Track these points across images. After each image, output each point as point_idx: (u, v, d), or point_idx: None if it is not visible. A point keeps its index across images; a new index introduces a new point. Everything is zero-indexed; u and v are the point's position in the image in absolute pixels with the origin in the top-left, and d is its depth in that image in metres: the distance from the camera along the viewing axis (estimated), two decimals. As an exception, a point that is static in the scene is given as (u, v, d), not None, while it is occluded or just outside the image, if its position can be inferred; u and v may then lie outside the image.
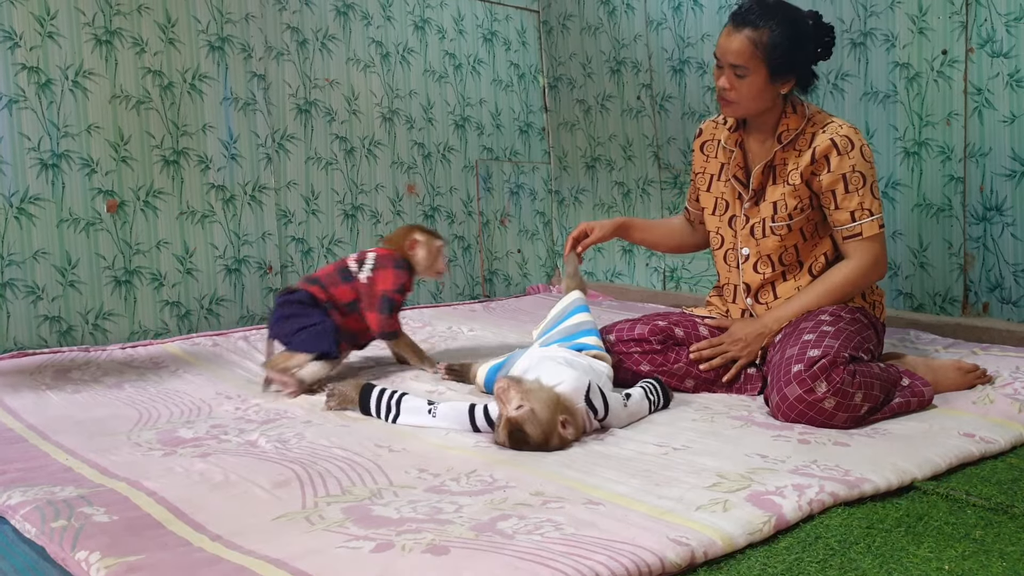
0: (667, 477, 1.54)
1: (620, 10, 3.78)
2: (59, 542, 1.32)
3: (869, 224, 2.06)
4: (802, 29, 2.05)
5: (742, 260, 2.21)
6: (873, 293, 2.17)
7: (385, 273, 2.36)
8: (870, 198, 2.06)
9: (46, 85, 2.82)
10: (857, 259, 2.08)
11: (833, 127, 2.07)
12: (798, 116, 2.11)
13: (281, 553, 1.26)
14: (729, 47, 2.03)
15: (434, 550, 1.25)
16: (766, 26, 2.00)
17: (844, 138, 2.05)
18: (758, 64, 2.02)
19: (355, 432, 1.87)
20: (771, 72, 2.03)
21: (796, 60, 2.05)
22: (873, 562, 1.25)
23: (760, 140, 2.17)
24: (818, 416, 1.84)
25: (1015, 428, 1.82)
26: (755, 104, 2.07)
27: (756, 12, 2.02)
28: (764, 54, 2.01)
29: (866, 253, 2.08)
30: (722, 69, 2.06)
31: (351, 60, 3.55)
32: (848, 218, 2.07)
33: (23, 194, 2.78)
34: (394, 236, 2.49)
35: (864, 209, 2.05)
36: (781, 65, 2.03)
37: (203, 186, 3.15)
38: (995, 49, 2.65)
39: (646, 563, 1.20)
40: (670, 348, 2.16)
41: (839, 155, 2.04)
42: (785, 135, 2.11)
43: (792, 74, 2.07)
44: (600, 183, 3.99)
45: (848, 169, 2.04)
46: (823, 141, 2.05)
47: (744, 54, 2.01)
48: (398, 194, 3.70)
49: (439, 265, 2.46)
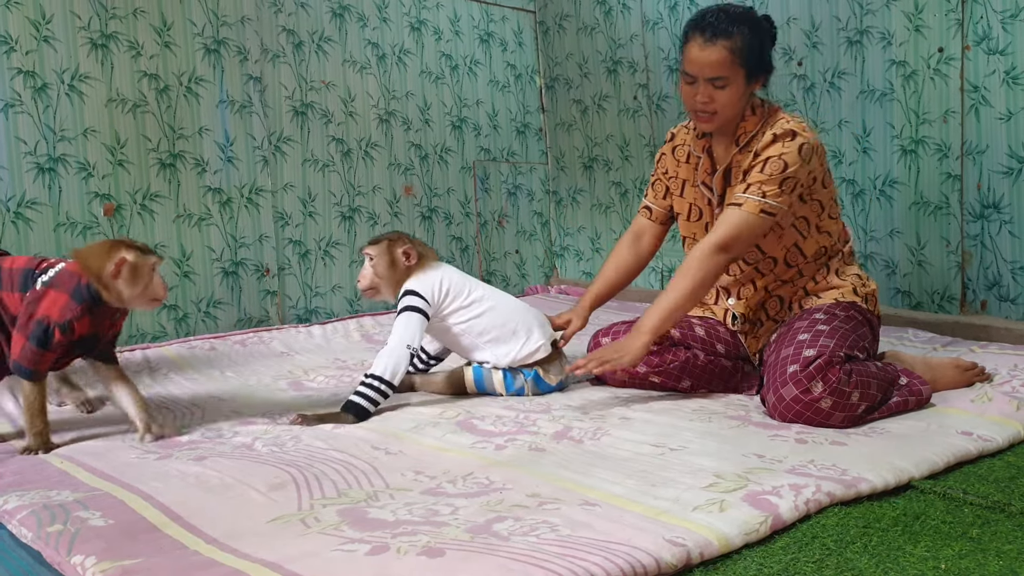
0: (663, 478, 1.54)
1: (616, 10, 3.77)
2: (55, 546, 1.32)
3: (753, 201, 1.97)
4: (762, 26, 2.03)
5: None
6: (866, 287, 2.15)
7: (56, 296, 1.80)
8: (775, 187, 1.96)
9: (42, 89, 2.82)
10: (715, 233, 1.99)
11: (780, 123, 2.02)
12: (756, 117, 2.07)
13: (276, 556, 1.25)
14: (707, 60, 1.97)
15: (429, 552, 1.24)
16: (738, 32, 1.97)
17: (786, 130, 2.00)
18: (737, 71, 1.98)
19: (352, 435, 1.87)
20: (748, 76, 2.01)
21: (765, 59, 2.04)
22: (869, 562, 1.24)
23: (724, 145, 2.13)
24: (815, 416, 1.83)
25: (1013, 426, 1.82)
26: (734, 111, 2.04)
27: (725, 20, 1.98)
28: (742, 60, 1.98)
29: (726, 226, 1.99)
30: (694, 84, 2.01)
31: (347, 62, 3.55)
32: (743, 188, 2.00)
33: (20, 198, 2.78)
34: (86, 254, 1.84)
35: (760, 189, 1.97)
36: (756, 66, 2.01)
37: (200, 189, 3.15)
38: (991, 46, 2.65)
39: (642, 564, 1.20)
40: (666, 349, 2.16)
41: (774, 141, 2.00)
42: (743, 137, 2.07)
43: (763, 73, 2.05)
44: (597, 183, 3.99)
45: (775, 155, 1.98)
46: (767, 138, 2.01)
47: (724, 65, 1.97)
48: (395, 196, 3.70)
49: (155, 289, 1.85)
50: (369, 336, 3.09)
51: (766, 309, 2.16)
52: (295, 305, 3.40)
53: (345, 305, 3.54)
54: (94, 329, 1.84)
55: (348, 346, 2.95)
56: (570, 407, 2.05)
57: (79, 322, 1.80)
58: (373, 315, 3.40)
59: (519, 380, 2.18)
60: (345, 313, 3.52)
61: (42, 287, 1.82)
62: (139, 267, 1.81)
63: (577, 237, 4.11)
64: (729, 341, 2.20)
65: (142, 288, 1.82)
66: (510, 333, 2.18)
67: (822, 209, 2.09)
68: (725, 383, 2.17)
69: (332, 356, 2.77)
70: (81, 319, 1.80)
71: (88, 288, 1.80)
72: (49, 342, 1.78)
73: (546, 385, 2.19)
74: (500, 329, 2.18)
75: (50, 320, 1.78)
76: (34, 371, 1.81)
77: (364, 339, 3.06)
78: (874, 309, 2.14)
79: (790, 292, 2.14)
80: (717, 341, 2.19)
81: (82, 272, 1.80)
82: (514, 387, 2.18)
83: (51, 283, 1.81)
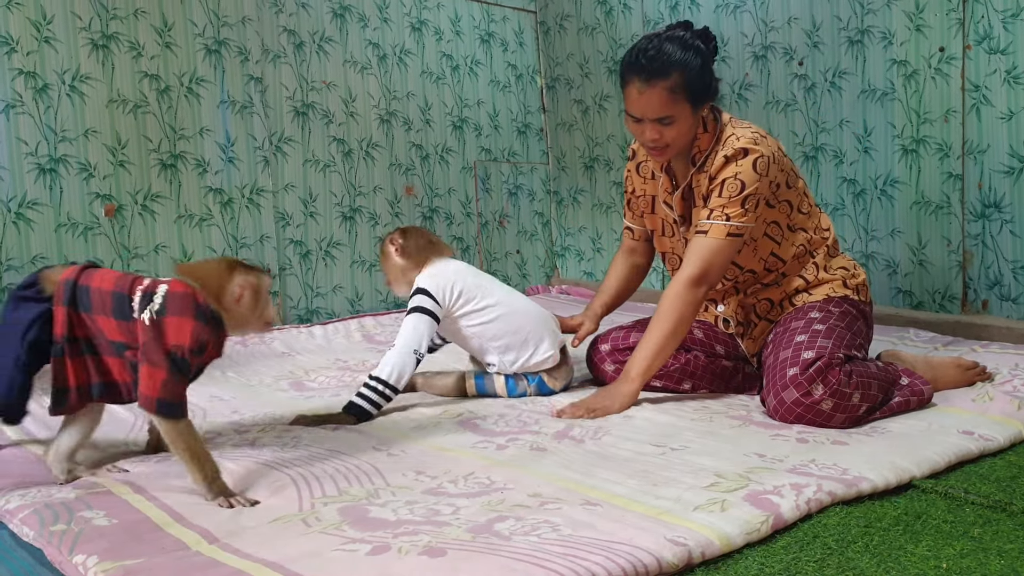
0: (665, 477, 1.54)
1: (617, 10, 3.77)
2: (57, 546, 1.32)
3: (718, 226, 1.96)
4: (700, 51, 1.96)
5: None
6: (855, 278, 2.12)
7: (180, 323, 1.58)
8: (737, 208, 1.95)
9: (43, 90, 2.82)
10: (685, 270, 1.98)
11: (731, 141, 1.99)
12: (709, 134, 2.03)
13: (278, 556, 1.26)
14: (648, 104, 1.93)
15: (430, 552, 1.24)
16: (676, 69, 1.91)
17: (738, 150, 1.97)
18: (682, 106, 1.94)
19: (354, 435, 1.87)
20: (693, 105, 1.96)
21: (708, 80, 1.98)
22: (871, 561, 1.24)
23: (682, 162, 2.09)
24: (816, 418, 1.83)
25: (1014, 425, 1.82)
26: (686, 139, 2.00)
27: (660, 60, 1.91)
28: (685, 95, 1.93)
29: (697, 256, 1.97)
30: (641, 123, 1.97)
31: (348, 62, 3.55)
32: (705, 215, 1.99)
33: (21, 199, 2.78)
34: (202, 274, 1.64)
35: (723, 212, 1.96)
36: (700, 93, 1.96)
37: (201, 189, 3.15)
38: (992, 46, 2.65)
39: (643, 564, 1.20)
40: None
41: (726, 164, 1.98)
42: (698, 156, 2.04)
43: (709, 95, 2.00)
44: (598, 183, 3.99)
45: (730, 176, 1.96)
46: (719, 161, 1.98)
47: (666, 104, 1.92)
48: (396, 196, 3.70)
49: (270, 313, 1.70)
50: (370, 336, 3.09)
51: (756, 310, 2.15)
52: (296, 305, 3.40)
53: (346, 305, 3.54)
54: (217, 351, 1.67)
55: (349, 346, 2.95)
56: (571, 407, 2.05)
57: (209, 342, 1.62)
58: (374, 315, 3.40)
59: (522, 385, 2.18)
60: (346, 313, 3.52)
61: (157, 317, 1.58)
62: (260, 290, 1.66)
63: (578, 237, 4.11)
64: (728, 342, 2.20)
65: (259, 313, 1.67)
66: (520, 342, 2.15)
67: (791, 208, 2.07)
68: (726, 384, 2.17)
69: (333, 356, 2.77)
70: (210, 339, 1.62)
71: (209, 308, 1.61)
72: (186, 371, 1.59)
73: (549, 389, 2.19)
74: (511, 337, 2.15)
75: (183, 348, 1.57)
76: (182, 403, 1.57)
77: (365, 339, 3.06)
78: (866, 299, 2.12)
79: (778, 293, 2.12)
80: (716, 342, 2.19)
81: (195, 292, 1.61)
82: (516, 391, 2.18)
83: (165, 311, 1.58)
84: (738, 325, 2.17)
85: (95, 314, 1.61)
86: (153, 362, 1.56)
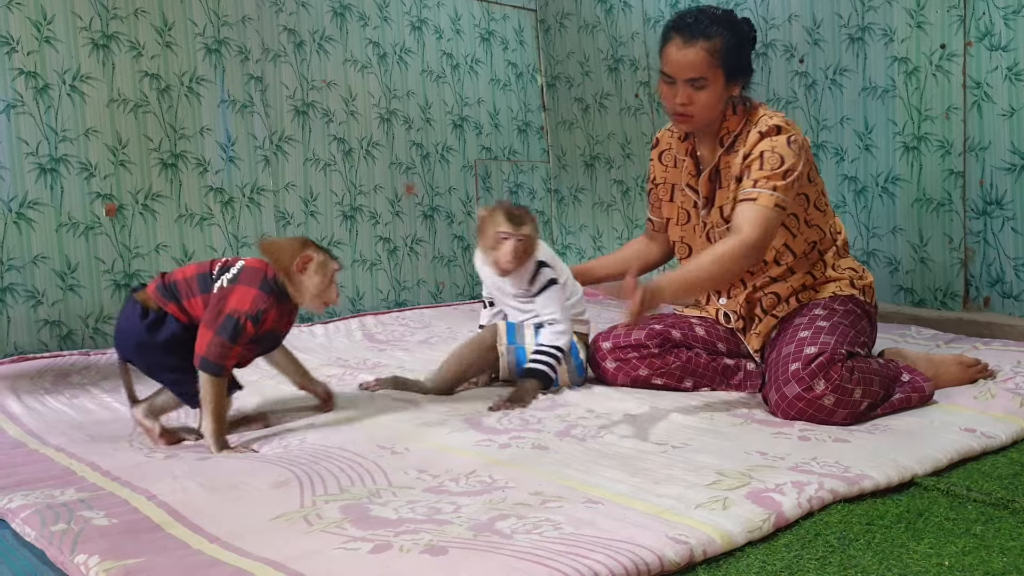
0: (666, 475, 1.54)
1: (617, 8, 3.77)
2: (59, 545, 1.32)
3: (767, 195, 1.94)
4: (742, 29, 2.03)
5: None
6: (862, 279, 2.14)
7: (245, 291, 1.80)
8: (780, 180, 1.94)
9: (44, 90, 2.82)
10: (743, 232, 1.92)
11: (763, 120, 2.03)
12: (738, 117, 2.07)
13: (279, 555, 1.25)
14: (685, 61, 1.98)
15: (432, 551, 1.24)
16: (718, 34, 1.98)
17: (771, 126, 2.00)
18: (716, 73, 1.99)
19: (358, 434, 1.87)
20: (727, 77, 2.01)
21: (744, 60, 2.04)
22: (873, 559, 1.24)
23: (709, 146, 2.13)
24: (818, 413, 1.83)
25: (1016, 423, 1.81)
26: (712, 113, 2.04)
27: (704, 22, 1.98)
28: (720, 61, 1.98)
29: (751, 226, 1.92)
30: (672, 85, 2.02)
31: (348, 61, 3.55)
32: (750, 184, 1.97)
33: (22, 199, 2.78)
34: (276, 247, 1.86)
35: (769, 182, 1.94)
36: (735, 68, 2.01)
37: (201, 189, 3.15)
38: (993, 42, 2.65)
39: (645, 562, 1.20)
40: (668, 351, 2.16)
41: (761, 139, 2.00)
42: (726, 138, 2.08)
43: (743, 75, 2.05)
44: (599, 181, 3.98)
45: (768, 149, 1.97)
46: (753, 137, 2.01)
47: (702, 66, 1.97)
48: (397, 195, 3.70)
49: (330, 294, 1.87)
50: (371, 335, 3.09)
51: (761, 305, 2.15)
52: (297, 304, 3.40)
53: (347, 304, 3.54)
54: (279, 324, 1.87)
55: (350, 345, 2.95)
56: (573, 406, 2.05)
57: (268, 314, 1.80)
58: (375, 314, 3.40)
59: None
60: (347, 312, 3.52)
61: (228, 284, 1.81)
62: (324, 265, 1.85)
63: (579, 235, 4.11)
64: (730, 339, 2.20)
65: (319, 290, 1.84)
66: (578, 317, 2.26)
67: (808, 203, 2.08)
68: (727, 381, 2.17)
69: (334, 355, 2.77)
70: (271, 310, 1.81)
71: (275, 281, 1.82)
72: (239, 336, 1.77)
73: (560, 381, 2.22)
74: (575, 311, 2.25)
75: (241, 313, 1.77)
76: (220, 365, 1.77)
77: (366, 338, 3.06)
78: (871, 301, 2.14)
79: (785, 289, 2.13)
80: (718, 340, 2.19)
81: (267, 266, 1.83)
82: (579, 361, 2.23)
83: (237, 279, 1.81)
84: (739, 320, 2.18)
85: (187, 300, 1.83)
86: (207, 323, 1.78)
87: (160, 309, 1.84)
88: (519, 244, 2.09)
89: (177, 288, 1.84)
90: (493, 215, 2.11)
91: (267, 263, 1.84)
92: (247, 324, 1.77)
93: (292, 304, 1.87)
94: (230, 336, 1.76)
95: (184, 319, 1.83)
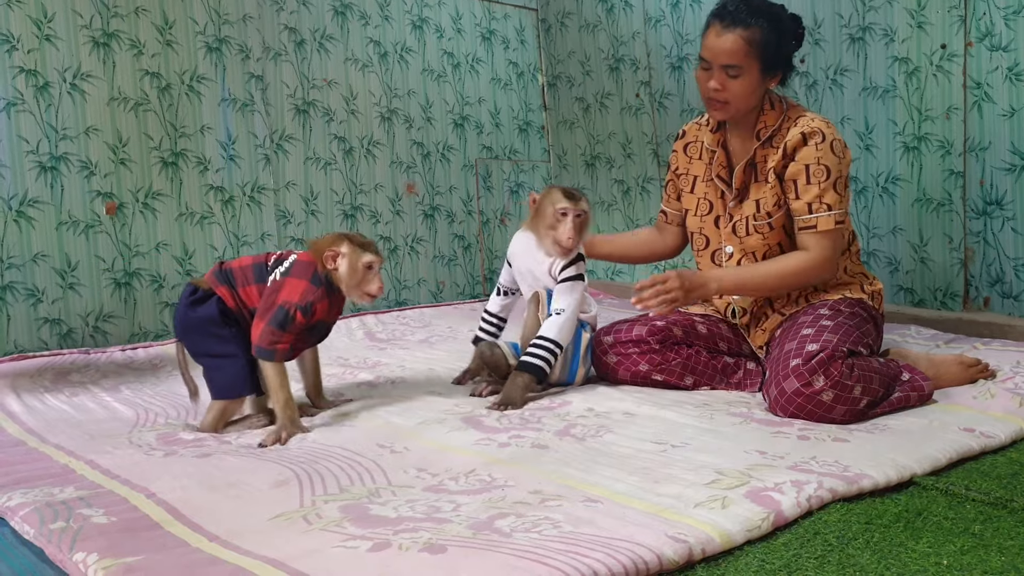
0: (666, 474, 1.54)
1: (618, 7, 3.77)
2: (57, 543, 1.32)
3: (825, 219, 2.02)
4: (785, 24, 2.07)
5: (726, 258, 2.20)
6: (872, 285, 2.17)
7: (296, 283, 1.91)
8: (832, 193, 2.02)
9: (44, 88, 2.82)
10: (813, 252, 2.04)
11: (805, 120, 2.06)
12: (775, 112, 2.11)
13: (279, 553, 1.25)
14: (722, 48, 2.01)
15: (431, 549, 1.24)
16: (756, 24, 2.01)
17: (814, 130, 2.03)
18: (751, 62, 2.02)
19: (357, 433, 1.87)
20: (763, 69, 2.04)
21: (783, 54, 2.07)
22: (871, 558, 1.24)
23: (741, 139, 2.16)
24: (816, 409, 1.83)
25: (1016, 422, 1.81)
26: (746, 103, 2.06)
27: (744, 11, 2.02)
28: (757, 52, 2.01)
29: (819, 248, 2.03)
30: (709, 71, 2.05)
31: (349, 60, 3.55)
32: (805, 208, 2.04)
33: (22, 197, 2.79)
34: (317, 244, 1.97)
35: (822, 203, 2.02)
36: (772, 61, 2.04)
37: (202, 187, 3.15)
38: (994, 43, 2.65)
39: (644, 560, 1.20)
40: (669, 347, 2.16)
41: (805, 146, 2.03)
42: (763, 132, 2.10)
43: (780, 68, 2.08)
44: (600, 181, 3.98)
45: (812, 160, 2.02)
46: (794, 135, 2.04)
47: (738, 53, 2.01)
48: (397, 194, 3.70)
49: (369, 285, 1.94)
50: (372, 334, 3.09)
51: (772, 302, 2.16)
52: (297, 303, 3.40)
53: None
54: (329, 314, 1.97)
55: (351, 344, 2.95)
56: (573, 404, 2.05)
57: (319, 304, 1.91)
58: (376, 313, 3.40)
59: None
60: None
61: (281, 277, 1.92)
62: (352, 260, 1.92)
63: (579, 235, 4.11)
64: (731, 339, 2.20)
65: (355, 282, 1.93)
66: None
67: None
68: (727, 380, 2.17)
69: (335, 354, 2.77)
70: (320, 301, 1.91)
71: (324, 275, 1.93)
72: (289, 324, 1.88)
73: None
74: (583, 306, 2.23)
75: (291, 304, 1.88)
76: (273, 351, 1.87)
77: (367, 337, 3.06)
78: (879, 307, 2.15)
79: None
80: (720, 339, 2.19)
81: (315, 260, 1.93)
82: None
83: (289, 272, 1.92)
84: (744, 315, 2.18)
85: (243, 288, 1.93)
86: (261, 314, 1.89)
87: (210, 289, 1.94)
88: (578, 220, 2.13)
89: (232, 275, 1.95)
90: (550, 194, 2.17)
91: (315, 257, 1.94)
92: (297, 314, 1.88)
93: (341, 295, 1.97)
94: (280, 324, 1.87)
95: (232, 304, 1.93)
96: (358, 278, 1.93)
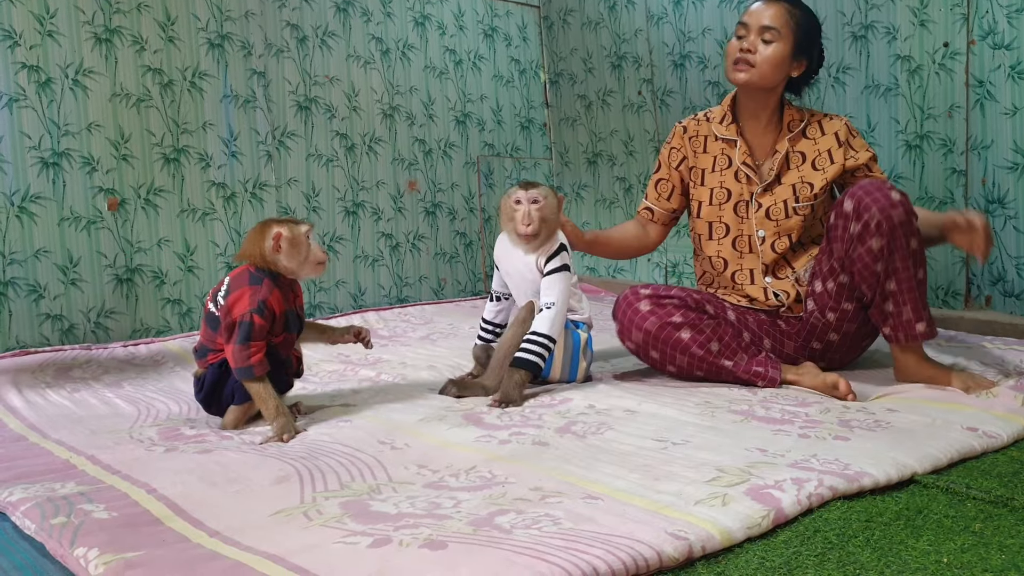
0: (666, 472, 1.54)
1: (621, 5, 3.77)
2: (58, 539, 1.32)
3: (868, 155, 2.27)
4: (818, 27, 2.24)
5: (759, 242, 2.25)
6: None
7: (238, 295, 1.89)
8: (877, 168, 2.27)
9: (46, 84, 2.82)
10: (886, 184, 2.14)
11: (831, 119, 2.26)
12: (795, 111, 2.27)
13: (279, 549, 1.26)
14: (765, 11, 2.16)
15: (431, 545, 1.25)
16: (798, 6, 2.18)
17: (843, 124, 2.25)
18: (788, 34, 2.16)
19: (358, 429, 1.88)
20: (795, 46, 2.17)
21: (813, 47, 2.23)
22: (872, 555, 1.24)
23: (759, 130, 2.28)
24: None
25: (1018, 422, 1.81)
26: (771, 72, 2.17)
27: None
28: (795, 26, 2.16)
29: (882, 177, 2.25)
30: (743, 38, 2.17)
31: (351, 57, 3.54)
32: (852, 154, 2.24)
33: (24, 193, 2.79)
34: (246, 244, 1.96)
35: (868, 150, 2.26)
36: (804, 45, 2.19)
37: (204, 184, 3.15)
38: (997, 41, 2.64)
39: (644, 557, 1.20)
40: (703, 311, 2.19)
41: (855, 138, 2.24)
42: (793, 124, 2.25)
43: (806, 59, 2.22)
44: (602, 178, 3.98)
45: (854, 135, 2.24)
46: (838, 126, 2.24)
47: (780, 18, 2.15)
48: (399, 191, 3.70)
49: (315, 254, 1.96)
50: (373, 331, 3.09)
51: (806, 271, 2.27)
52: (299, 300, 3.40)
53: (349, 300, 3.54)
54: (287, 303, 1.95)
55: (352, 341, 2.95)
56: (574, 401, 2.05)
57: (270, 299, 1.89)
58: (377, 310, 3.40)
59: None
60: (349, 308, 3.52)
61: (224, 302, 1.90)
62: (295, 238, 1.93)
63: (581, 232, 4.10)
64: (755, 331, 2.26)
65: (303, 257, 1.94)
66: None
67: None
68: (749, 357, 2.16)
69: (335, 351, 2.77)
70: (270, 295, 1.89)
71: (260, 271, 1.92)
72: (253, 332, 1.86)
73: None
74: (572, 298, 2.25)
75: (245, 313, 1.86)
76: (250, 367, 1.86)
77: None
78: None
79: None
80: (744, 328, 2.24)
81: (248, 266, 1.93)
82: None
83: (229, 291, 1.91)
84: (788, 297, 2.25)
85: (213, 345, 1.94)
86: (226, 340, 1.89)
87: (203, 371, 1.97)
88: (534, 206, 2.15)
89: (203, 344, 1.97)
90: (508, 191, 2.22)
91: (244, 264, 1.94)
92: (254, 318, 1.86)
93: (287, 281, 1.97)
94: (245, 338, 1.85)
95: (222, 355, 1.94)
96: (304, 251, 1.93)
